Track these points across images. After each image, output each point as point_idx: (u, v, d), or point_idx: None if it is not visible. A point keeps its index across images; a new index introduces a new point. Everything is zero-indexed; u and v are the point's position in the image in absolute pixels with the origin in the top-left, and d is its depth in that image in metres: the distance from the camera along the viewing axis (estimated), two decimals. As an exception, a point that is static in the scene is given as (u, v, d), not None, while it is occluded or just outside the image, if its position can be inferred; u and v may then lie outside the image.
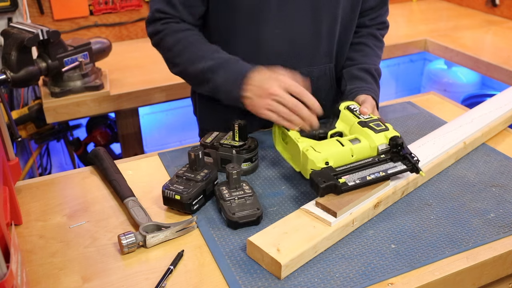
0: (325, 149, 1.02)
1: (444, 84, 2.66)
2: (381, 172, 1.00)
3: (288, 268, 0.85)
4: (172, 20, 1.21)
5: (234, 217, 0.96)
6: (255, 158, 1.14)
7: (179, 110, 2.63)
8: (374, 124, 1.07)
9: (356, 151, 1.03)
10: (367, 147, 1.04)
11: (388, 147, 1.03)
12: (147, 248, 0.93)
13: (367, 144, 1.04)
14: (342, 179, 0.97)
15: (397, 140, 1.02)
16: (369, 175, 0.99)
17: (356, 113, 1.12)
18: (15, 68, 1.62)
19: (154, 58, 2.16)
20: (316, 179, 0.96)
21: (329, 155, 1.01)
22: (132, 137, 2.09)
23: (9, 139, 1.03)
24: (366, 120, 1.08)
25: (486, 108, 1.32)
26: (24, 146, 2.26)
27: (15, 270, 0.73)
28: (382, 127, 1.06)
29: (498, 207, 1.02)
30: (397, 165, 1.02)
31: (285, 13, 1.20)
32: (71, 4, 2.28)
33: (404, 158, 1.02)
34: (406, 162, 1.02)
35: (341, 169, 0.99)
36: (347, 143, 1.04)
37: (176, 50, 1.20)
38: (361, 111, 1.12)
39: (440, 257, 0.90)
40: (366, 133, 1.05)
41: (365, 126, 1.06)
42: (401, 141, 1.02)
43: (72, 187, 1.13)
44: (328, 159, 1.00)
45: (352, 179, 0.97)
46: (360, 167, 1.00)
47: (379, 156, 1.03)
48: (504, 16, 2.64)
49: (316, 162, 1.00)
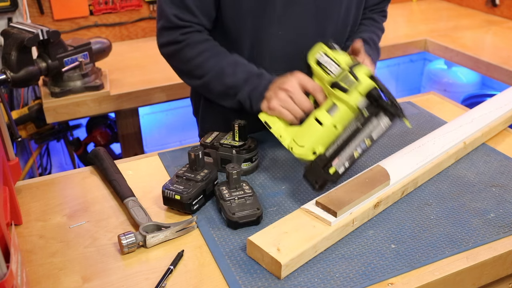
0: (307, 138, 0.99)
1: (444, 84, 2.66)
2: (366, 139, 0.94)
3: (288, 268, 0.85)
4: (193, 29, 1.18)
5: (234, 217, 0.96)
6: (255, 158, 1.14)
7: (179, 110, 2.63)
8: (344, 80, 0.97)
9: (338, 121, 0.98)
10: (346, 111, 0.98)
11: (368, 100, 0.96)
12: (147, 248, 0.93)
13: (345, 108, 0.98)
14: (332, 168, 0.95)
15: (373, 93, 0.94)
16: (355, 148, 0.94)
17: (325, 67, 1.02)
18: (15, 68, 1.62)
19: (154, 58, 2.17)
20: (310, 181, 0.97)
21: (313, 143, 0.98)
22: (132, 137, 2.09)
23: (9, 139, 1.03)
24: (336, 78, 0.99)
25: (486, 108, 1.32)
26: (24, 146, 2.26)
27: (15, 270, 0.73)
28: (353, 81, 0.97)
29: (498, 207, 1.02)
30: (381, 122, 0.94)
31: (290, 15, 1.19)
32: (71, 4, 2.28)
33: (385, 110, 0.94)
34: (387, 113, 0.94)
35: (330, 153, 0.95)
36: (325, 118, 0.98)
37: (197, 63, 1.18)
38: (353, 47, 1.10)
39: (440, 257, 0.90)
40: (340, 96, 0.98)
41: (336, 86, 0.98)
42: (377, 92, 0.94)
43: (72, 187, 1.13)
44: (314, 148, 0.98)
45: (341, 163, 0.95)
46: (347, 141, 0.95)
47: (362, 115, 0.95)
48: (504, 16, 2.64)
49: (304, 157, 0.99)
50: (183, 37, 1.17)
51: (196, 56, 1.18)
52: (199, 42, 1.18)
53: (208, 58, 1.17)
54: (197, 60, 1.18)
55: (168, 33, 1.19)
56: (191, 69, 1.20)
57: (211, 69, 1.17)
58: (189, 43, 1.18)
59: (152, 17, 2.44)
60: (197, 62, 1.18)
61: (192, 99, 1.47)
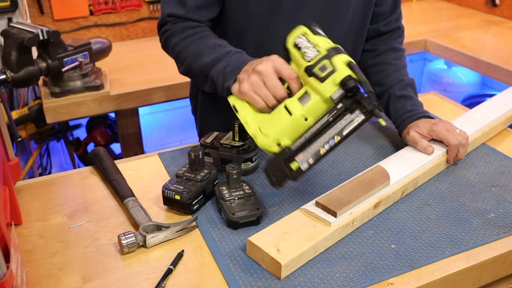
0: (273, 127, 0.91)
1: (444, 84, 2.66)
2: (336, 136, 0.86)
3: (288, 268, 0.85)
4: (180, 20, 1.19)
5: (234, 217, 0.96)
6: (255, 158, 1.14)
7: (179, 110, 2.63)
8: (320, 66, 0.87)
9: (309, 112, 0.88)
10: (319, 102, 0.88)
11: (343, 92, 0.86)
12: (147, 248, 0.93)
13: (318, 98, 0.88)
14: (294, 164, 0.87)
15: (348, 83, 0.84)
16: (323, 145, 0.86)
17: (303, 51, 0.92)
18: (15, 68, 1.62)
19: (154, 58, 2.17)
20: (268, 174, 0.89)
21: (278, 134, 0.90)
22: (132, 137, 2.09)
23: (9, 139, 1.03)
24: (312, 63, 0.89)
25: (486, 108, 1.32)
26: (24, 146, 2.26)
27: (15, 270, 0.73)
28: (329, 69, 0.87)
29: (498, 207, 1.02)
30: (354, 117, 0.85)
31: (297, 19, 1.18)
32: (71, 4, 2.28)
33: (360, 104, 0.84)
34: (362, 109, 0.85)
35: (296, 146, 0.87)
36: (296, 107, 0.89)
37: (181, 47, 1.17)
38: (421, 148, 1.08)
39: (440, 257, 0.90)
40: (313, 84, 0.88)
41: (311, 74, 0.88)
42: (352, 83, 0.84)
43: (72, 187, 1.13)
44: (279, 139, 0.90)
45: (305, 159, 0.86)
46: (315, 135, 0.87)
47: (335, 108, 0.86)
48: (504, 16, 2.64)
49: (267, 148, 0.91)
50: (170, 26, 1.19)
51: (181, 40, 1.17)
52: (185, 28, 1.18)
53: (191, 41, 1.16)
54: (181, 44, 1.17)
55: (160, 28, 1.23)
56: (177, 54, 1.19)
57: (191, 51, 1.15)
58: (176, 30, 1.19)
59: (152, 17, 2.44)
60: (181, 46, 1.17)
61: (191, 97, 1.47)
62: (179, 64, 1.21)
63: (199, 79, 1.17)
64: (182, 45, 1.17)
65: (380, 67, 1.32)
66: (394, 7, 1.34)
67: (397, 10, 1.36)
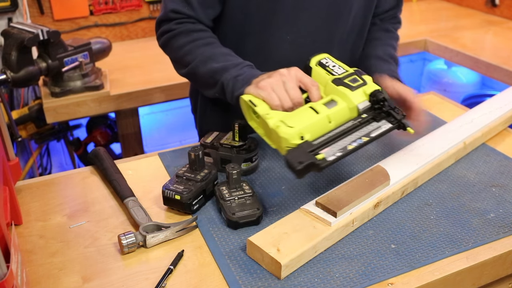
0: (298, 121, 0.91)
1: (444, 84, 2.66)
2: (363, 137, 0.89)
3: (288, 268, 0.85)
4: (187, 20, 1.18)
5: (234, 217, 0.96)
6: (255, 158, 1.14)
7: (179, 110, 2.63)
8: (350, 79, 0.94)
9: (334, 116, 0.92)
10: (345, 109, 0.92)
11: (369, 104, 0.92)
12: (147, 248, 0.93)
13: (344, 105, 0.92)
14: (320, 155, 0.86)
15: (378, 95, 0.91)
16: (350, 143, 0.88)
17: (329, 68, 0.98)
18: (15, 68, 1.62)
19: (154, 58, 2.17)
20: (291, 161, 0.85)
21: (303, 128, 0.89)
22: (132, 137, 2.09)
23: (9, 139, 1.03)
24: (341, 77, 0.96)
25: (486, 108, 1.32)
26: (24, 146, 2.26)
27: (15, 270, 0.73)
28: (360, 81, 0.94)
29: (498, 207, 1.02)
30: (381, 125, 0.91)
31: (298, 20, 1.19)
32: (71, 4, 2.28)
33: (389, 115, 0.91)
34: (391, 119, 0.91)
35: (319, 142, 0.88)
36: (322, 108, 0.92)
37: (187, 49, 1.15)
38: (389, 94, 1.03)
39: (440, 257, 0.90)
40: (342, 92, 0.93)
41: (340, 84, 0.94)
42: (382, 95, 0.91)
43: (72, 187, 1.13)
44: (302, 133, 0.89)
45: (332, 152, 0.87)
46: (340, 135, 0.90)
47: (360, 117, 0.92)
48: (504, 16, 2.64)
49: (289, 139, 0.89)
50: (177, 26, 1.17)
51: (188, 43, 1.16)
52: (193, 31, 1.17)
53: (199, 45, 1.15)
54: (188, 47, 1.16)
55: (162, 24, 1.20)
56: (182, 56, 1.17)
57: (199, 55, 1.13)
58: (183, 31, 1.17)
59: (152, 17, 2.44)
60: (188, 49, 1.16)
61: (191, 96, 1.47)
62: (181, 66, 1.19)
63: (205, 83, 1.16)
64: (189, 48, 1.15)
65: (370, 42, 1.33)
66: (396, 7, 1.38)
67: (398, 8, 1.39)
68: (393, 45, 1.34)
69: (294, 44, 1.21)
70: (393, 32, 1.38)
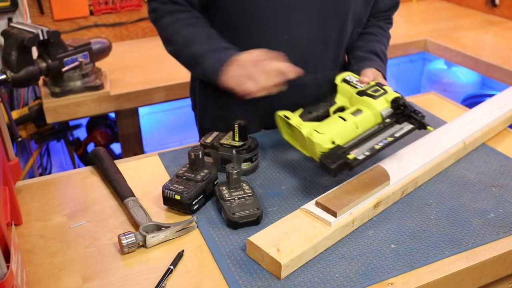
0: (328, 128, 1.02)
1: (444, 84, 2.66)
2: (388, 137, 1.00)
3: (288, 268, 0.85)
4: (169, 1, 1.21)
5: (234, 217, 0.96)
6: (255, 158, 1.14)
7: (179, 110, 2.63)
8: (372, 90, 1.06)
9: (360, 122, 1.02)
10: (370, 116, 1.04)
11: (391, 110, 1.03)
12: (147, 248, 0.93)
13: (369, 113, 1.04)
14: (351, 155, 0.97)
15: (399, 100, 1.02)
16: (377, 143, 0.99)
17: (353, 83, 1.11)
18: (15, 68, 1.62)
19: (154, 58, 2.17)
20: (325, 161, 0.95)
21: (334, 134, 1.00)
22: (132, 137, 2.09)
23: (9, 139, 1.03)
24: (364, 89, 1.08)
25: (486, 108, 1.32)
26: (24, 146, 2.26)
27: (15, 270, 0.73)
28: (381, 91, 1.05)
29: (498, 207, 1.02)
30: (403, 126, 1.02)
31: (294, 20, 1.19)
32: (71, 4, 2.28)
33: (410, 117, 1.02)
34: (412, 121, 1.02)
35: (349, 145, 0.99)
36: (349, 117, 1.03)
37: (174, 28, 1.20)
38: (360, 80, 1.12)
39: (440, 257, 0.90)
40: (366, 101, 1.05)
41: (364, 94, 1.06)
42: (403, 101, 1.02)
43: (72, 187, 1.13)
44: (333, 138, 1.00)
45: (361, 152, 0.97)
46: (367, 137, 1.00)
47: (384, 122, 1.03)
48: (504, 16, 2.64)
49: (322, 144, 0.99)
50: (159, 6, 1.21)
51: (174, 22, 1.20)
52: (177, 11, 1.20)
53: (183, 26, 1.19)
54: (173, 26, 1.20)
55: (151, 2, 1.24)
56: (168, 36, 1.22)
57: (183, 36, 1.18)
58: (166, 11, 1.20)
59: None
60: (173, 28, 1.20)
61: (191, 93, 1.47)
62: (167, 44, 1.24)
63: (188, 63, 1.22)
64: (172, 29, 1.20)
65: (365, 36, 1.36)
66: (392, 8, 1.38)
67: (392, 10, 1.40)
68: (385, 43, 1.38)
69: (290, 43, 1.21)
70: (386, 30, 1.40)
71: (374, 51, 1.30)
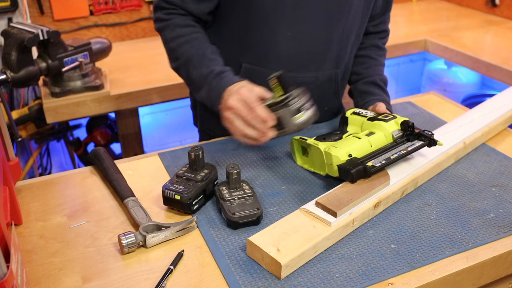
0: (345, 144, 1.07)
1: (444, 84, 2.66)
2: (402, 150, 1.07)
3: (288, 268, 0.85)
4: (176, 11, 1.20)
5: (234, 217, 0.96)
6: (305, 107, 1.04)
7: (179, 110, 2.63)
8: (382, 116, 1.15)
9: (374, 141, 1.09)
10: (382, 136, 1.10)
11: (401, 131, 1.11)
12: (147, 248, 0.93)
13: (381, 134, 1.10)
14: (369, 163, 1.02)
15: (407, 122, 1.10)
16: (392, 155, 1.05)
17: (363, 114, 1.18)
18: (15, 68, 1.62)
19: (154, 58, 2.17)
20: (345, 167, 1.01)
21: (350, 149, 1.06)
22: (132, 137, 2.09)
23: (9, 139, 1.03)
24: (374, 116, 1.16)
25: (486, 108, 1.32)
26: (24, 146, 2.26)
27: (15, 270, 0.73)
28: (390, 116, 1.14)
29: (498, 207, 1.02)
30: (414, 143, 1.09)
31: (299, 17, 1.19)
32: (71, 4, 2.28)
33: (419, 136, 1.10)
34: (422, 138, 1.09)
35: (365, 157, 1.05)
36: (363, 136, 1.10)
37: (173, 46, 1.20)
38: (377, 110, 1.20)
39: (440, 257, 0.90)
40: (378, 124, 1.12)
41: (375, 119, 1.14)
42: (411, 123, 1.10)
43: (72, 187, 1.13)
44: (350, 152, 1.05)
45: (378, 161, 1.03)
46: (382, 152, 1.07)
47: (395, 141, 1.10)
48: (504, 16, 2.64)
49: (340, 157, 1.04)
50: (165, 17, 1.21)
51: (173, 39, 1.20)
52: (178, 26, 1.19)
53: (181, 43, 1.19)
54: (172, 44, 1.20)
55: (156, 11, 1.24)
56: (168, 51, 1.23)
57: (181, 56, 1.19)
58: (169, 25, 1.20)
59: (152, 17, 2.44)
60: (172, 46, 1.20)
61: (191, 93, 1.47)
62: (170, 61, 1.24)
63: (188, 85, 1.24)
64: (174, 45, 1.20)
65: (363, 59, 1.39)
66: (384, 9, 1.39)
67: (387, 14, 1.41)
68: (383, 64, 1.41)
69: (294, 41, 1.21)
70: (383, 49, 1.43)
71: (374, 82, 1.34)
